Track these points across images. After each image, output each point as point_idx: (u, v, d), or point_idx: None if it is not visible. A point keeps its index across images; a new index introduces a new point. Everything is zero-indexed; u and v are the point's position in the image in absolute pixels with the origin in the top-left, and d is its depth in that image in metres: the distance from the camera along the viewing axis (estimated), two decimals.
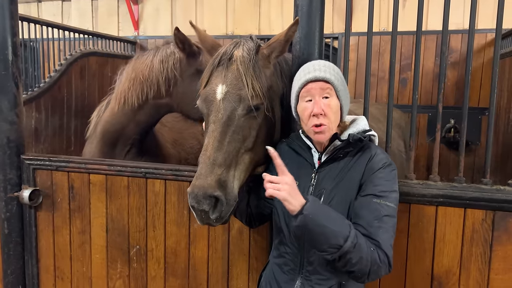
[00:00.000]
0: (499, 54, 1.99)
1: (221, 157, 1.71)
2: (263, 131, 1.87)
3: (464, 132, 2.01)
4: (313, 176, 1.66)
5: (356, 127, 1.66)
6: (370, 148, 1.63)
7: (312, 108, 1.57)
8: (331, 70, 1.61)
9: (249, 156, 1.83)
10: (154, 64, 2.96)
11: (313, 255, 1.60)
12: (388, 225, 1.50)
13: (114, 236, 2.49)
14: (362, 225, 1.50)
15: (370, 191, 1.53)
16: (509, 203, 1.84)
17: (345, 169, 1.61)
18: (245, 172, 1.83)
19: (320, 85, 1.58)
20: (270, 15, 5.81)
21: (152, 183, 2.38)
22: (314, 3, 2.00)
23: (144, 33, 6.23)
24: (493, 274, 1.90)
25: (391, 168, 1.59)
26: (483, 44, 5.06)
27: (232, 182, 1.73)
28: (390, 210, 1.51)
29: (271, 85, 1.92)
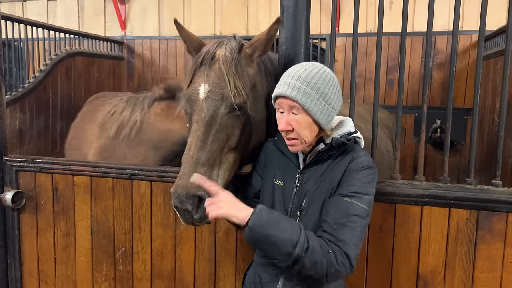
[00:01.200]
0: (482, 55, 2.00)
1: (204, 156, 1.72)
2: (247, 130, 1.87)
3: (449, 133, 2.03)
4: (297, 178, 1.66)
5: (341, 129, 1.65)
6: (353, 151, 1.61)
7: (281, 122, 1.57)
8: (303, 85, 1.50)
9: (233, 156, 1.83)
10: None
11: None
12: (356, 224, 1.46)
13: (99, 238, 2.46)
14: (328, 222, 1.48)
15: (343, 191, 1.52)
16: (492, 203, 1.86)
17: (327, 171, 1.60)
18: (230, 171, 1.83)
19: (288, 102, 1.53)
20: (258, 15, 5.81)
21: (138, 184, 2.36)
22: (300, 3, 1.99)
23: (131, 33, 6.17)
24: (478, 273, 1.92)
25: (370, 172, 1.56)
26: (468, 46, 5.12)
27: (216, 182, 1.73)
28: (361, 210, 1.48)
29: (254, 84, 1.92)
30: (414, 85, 5.29)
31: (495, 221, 1.87)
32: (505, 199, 1.84)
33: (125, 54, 6.10)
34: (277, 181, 1.72)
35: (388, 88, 5.35)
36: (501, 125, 1.95)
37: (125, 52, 6.11)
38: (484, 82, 4.63)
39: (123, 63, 6.09)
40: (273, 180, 1.74)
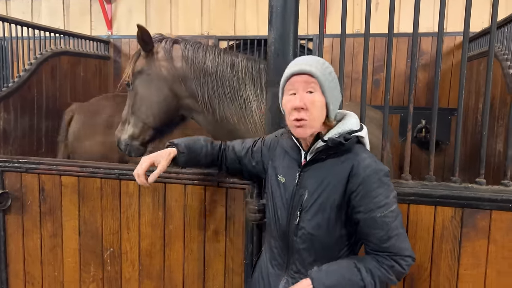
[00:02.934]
0: (466, 56, 2.05)
1: (121, 116, 2.91)
2: (137, 102, 2.68)
3: (434, 132, 2.07)
4: (297, 176, 1.63)
5: (341, 127, 1.58)
6: (355, 151, 1.56)
7: (294, 101, 1.50)
8: (318, 65, 1.52)
9: (133, 119, 2.73)
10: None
11: (296, 256, 1.62)
12: (398, 229, 1.51)
13: (87, 238, 2.44)
14: (374, 242, 1.52)
15: (371, 206, 1.50)
16: (476, 201, 1.91)
17: (329, 171, 1.57)
18: (133, 128, 2.78)
19: (304, 79, 1.50)
20: (245, 16, 5.81)
21: (126, 184, 2.35)
22: (288, 4, 2.01)
23: (118, 33, 6.12)
24: (462, 270, 1.96)
25: (382, 171, 1.54)
26: (452, 47, 5.21)
27: (125, 132, 2.84)
28: (394, 213, 1.51)
29: (142, 70, 2.66)
30: (400, 86, 5.36)
31: (479, 218, 1.91)
32: (489, 197, 1.89)
33: (112, 53, 6.04)
34: (280, 177, 1.70)
35: (374, 88, 5.40)
36: (485, 124, 2.00)
37: (111, 51, 6.05)
38: (468, 82, 4.72)
39: (110, 63, 6.03)
40: (276, 176, 1.72)
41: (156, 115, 2.67)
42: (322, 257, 1.59)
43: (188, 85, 2.59)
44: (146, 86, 2.64)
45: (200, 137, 2.01)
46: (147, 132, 2.72)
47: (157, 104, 2.65)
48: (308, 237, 1.58)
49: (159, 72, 2.62)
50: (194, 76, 2.56)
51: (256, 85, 2.63)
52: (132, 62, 2.70)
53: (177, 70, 2.60)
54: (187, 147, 1.91)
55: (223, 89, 2.54)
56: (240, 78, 2.57)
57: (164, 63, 2.61)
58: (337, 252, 1.60)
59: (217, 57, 2.57)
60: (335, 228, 1.57)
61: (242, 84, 2.57)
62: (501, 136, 3.36)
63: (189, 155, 1.92)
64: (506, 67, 3.50)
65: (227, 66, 2.55)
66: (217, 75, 2.55)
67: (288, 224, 1.63)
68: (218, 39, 5.80)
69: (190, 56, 2.57)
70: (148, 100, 2.65)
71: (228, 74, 2.55)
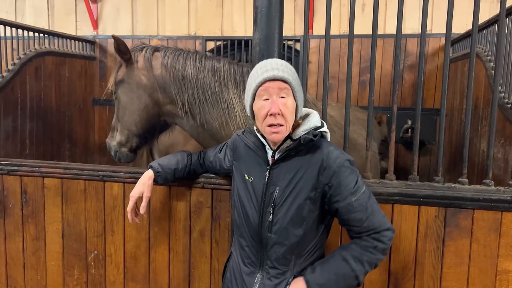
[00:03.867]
0: (449, 58, 2.07)
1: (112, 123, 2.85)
2: (120, 110, 2.70)
3: (417, 133, 2.08)
4: (267, 174, 1.66)
5: (307, 124, 1.65)
6: (322, 146, 1.64)
7: (269, 107, 1.55)
8: (288, 70, 1.60)
9: (120, 126, 2.71)
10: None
11: (271, 252, 1.63)
12: (373, 206, 1.59)
13: (71, 241, 2.41)
14: (355, 225, 1.58)
15: (345, 193, 1.57)
16: (459, 200, 1.93)
17: (299, 166, 1.61)
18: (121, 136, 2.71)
19: (278, 85, 1.56)
20: (232, 16, 5.81)
21: (110, 186, 2.32)
22: (273, 5, 2.01)
23: (104, 33, 6.06)
24: (446, 268, 1.98)
25: (348, 160, 1.61)
26: (437, 48, 5.27)
27: (114, 139, 2.77)
28: (365, 194, 1.60)
29: (123, 79, 2.65)
30: (386, 86, 5.39)
31: (462, 217, 1.94)
32: (471, 196, 1.91)
33: (98, 54, 5.98)
34: (247, 176, 1.72)
35: (361, 89, 5.44)
36: (467, 125, 2.02)
37: (97, 52, 5.98)
38: (452, 83, 4.77)
39: (95, 63, 5.97)
40: (243, 175, 1.74)
41: (138, 122, 2.68)
42: (296, 249, 1.63)
43: (167, 92, 2.59)
44: (127, 95, 2.67)
45: (178, 153, 2.14)
46: (133, 140, 2.73)
47: (138, 111, 2.67)
48: (283, 232, 1.61)
49: (139, 80, 2.65)
50: (173, 83, 2.56)
51: (239, 89, 2.61)
52: (115, 71, 2.75)
53: (156, 78, 2.60)
54: (161, 166, 2.03)
55: (204, 95, 2.53)
56: (222, 83, 2.55)
57: (143, 71, 2.63)
58: (309, 243, 1.65)
59: (198, 63, 2.56)
60: (308, 220, 1.61)
61: (224, 88, 2.55)
62: (485, 136, 3.41)
63: (165, 173, 2.03)
64: (489, 68, 3.54)
65: (208, 72, 2.55)
66: (198, 81, 2.52)
67: (261, 222, 1.65)
68: (205, 40, 5.78)
69: (170, 64, 2.58)
70: (129, 108, 2.67)
71: (210, 80, 2.53)
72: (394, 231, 1.61)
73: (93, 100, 5.98)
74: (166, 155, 2.13)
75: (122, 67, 2.70)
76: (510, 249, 1.90)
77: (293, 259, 1.63)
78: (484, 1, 4.92)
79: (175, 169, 2.04)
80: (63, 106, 5.05)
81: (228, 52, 5.78)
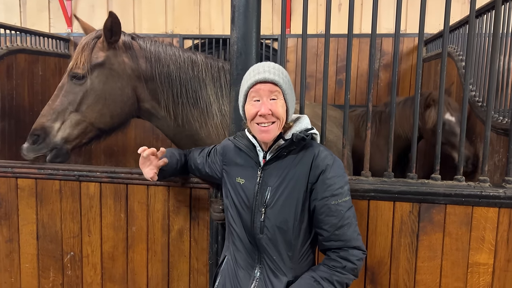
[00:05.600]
0: (421, 58, 2.12)
1: (49, 111, 2.39)
2: (91, 99, 2.38)
3: (392, 130, 2.13)
4: (259, 174, 1.68)
5: (299, 126, 1.69)
6: (313, 146, 1.67)
7: (259, 108, 1.58)
8: (280, 73, 1.63)
9: (75, 117, 2.38)
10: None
11: (265, 252, 1.65)
12: (350, 218, 1.60)
13: (46, 243, 2.37)
14: (326, 229, 1.59)
15: (326, 194, 1.59)
16: (432, 195, 1.98)
17: (290, 166, 1.64)
18: (72, 129, 2.39)
19: (268, 87, 1.59)
20: (210, 14, 5.78)
21: (86, 186, 2.29)
22: (250, 4, 2.01)
23: (79, 30, 5.94)
24: (420, 262, 2.03)
25: (337, 163, 1.64)
26: (411, 48, 5.38)
27: (55, 131, 2.39)
28: (347, 204, 1.60)
29: (103, 63, 2.38)
30: (363, 85, 5.48)
31: (435, 212, 1.99)
32: (444, 191, 1.97)
33: (72, 52, 5.86)
34: (238, 179, 1.73)
35: (337, 88, 5.51)
36: (439, 123, 2.08)
37: (72, 49, 5.85)
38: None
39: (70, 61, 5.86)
40: (235, 178, 1.75)
41: (115, 115, 2.42)
42: (289, 250, 1.63)
43: (151, 89, 2.44)
44: (107, 82, 2.37)
45: (174, 151, 2.07)
46: (88, 134, 2.41)
47: (118, 103, 2.40)
48: (276, 232, 1.62)
49: (124, 69, 2.39)
50: (158, 80, 2.41)
51: (216, 85, 2.57)
52: (88, 51, 2.36)
53: (141, 71, 2.43)
54: (166, 163, 1.94)
55: (186, 94, 2.44)
56: (201, 79, 2.49)
57: (128, 60, 2.40)
58: (302, 244, 1.66)
59: (179, 59, 2.44)
60: (301, 220, 1.63)
61: (203, 85, 2.50)
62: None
63: (167, 171, 1.98)
64: (461, 67, 3.65)
65: (188, 67, 2.46)
66: (181, 79, 2.43)
67: (253, 223, 1.66)
68: (183, 38, 5.74)
69: (154, 58, 2.42)
70: (108, 98, 2.37)
71: (190, 76, 2.44)
72: (365, 252, 1.62)
73: None
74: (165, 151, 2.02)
75: (100, 49, 2.39)
76: (481, 242, 1.96)
77: (288, 261, 1.63)
78: (455, 2, 5.06)
79: (174, 169, 2.01)
80: (37, 105, 4.93)
81: (206, 50, 5.76)
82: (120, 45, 2.43)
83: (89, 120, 2.39)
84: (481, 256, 1.97)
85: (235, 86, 2.06)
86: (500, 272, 1.96)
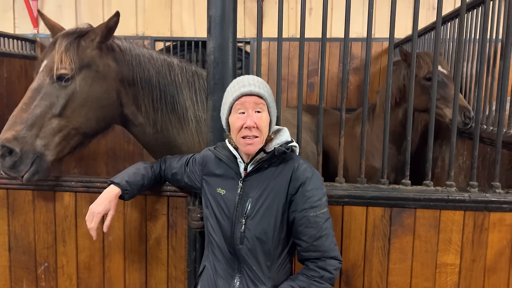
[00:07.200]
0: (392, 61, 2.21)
1: (23, 117, 2.07)
2: (77, 102, 2.18)
3: (364, 136, 2.21)
4: (240, 186, 1.71)
5: (280, 138, 1.75)
6: (292, 159, 1.73)
7: (245, 120, 1.62)
8: (264, 87, 1.69)
9: (58, 122, 2.14)
10: None
11: (245, 262, 1.68)
12: (328, 229, 1.66)
13: (18, 254, 2.31)
14: (305, 240, 1.65)
15: (305, 206, 1.64)
16: (403, 200, 2.07)
17: (270, 178, 1.69)
18: (54, 135, 2.14)
19: (254, 100, 1.64)
20: (182, 16, 5.76)
21: (61, 196, 2.25)
22: (226, 14, 2.04)
23: (45, 31, 5.77)
24: (392, 264, 2.12)
25: (316, 175, 1.71)
26: (379, 52, 5.56)
27: (33, 139, 2.08)
28: (325, 215, 1.67)
29: (90, 63, 2.22)
30: (333, 88, 5.61)
31: (405, 216, 2.08)
32: (413, 196, 2.06)
33: (39, 53, 5.70)
34: (219, 190, 1.76)
35: (309, 91, 5.61)
36: (408, 129, 2.17)
37: (38, 51, 5.70)
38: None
39: (37, 63, 5.68)
40: (216, 189, 1.78)
41: (100, 120, 2.27)
42: (267, 260, 1.68)
43: (132, 93, 2.36)
44: (93, 85, 2.22)
45: (139, 166, 2.06)
46: (71, 141, 2.20)
47: (105, 107, 2.27)
48: (255, 243, 1.66)
49: (108, 71, 2.28)
50: (140, 85, 2.34)
51: (191, 90, 2.55)
52: (73, 50, 2.17)
53: (124, 75, 2.33)
54: (129, 183, 1.95)
55: (165, 100, 2.40)
56: (177, 84, 2.46)
57: (112, 63, 2.30)
58: (280, 254, 1.71)
59: (157, 62, 2.41)
60: (280, 231, 1.68)
61: (179, 90, 2.47)
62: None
63: (133, 190, 1.97)
64: None
65: (166, 71, 2.42)
66: (160, 84, 2.39)
67: (233, 233, 1.69)
68: (154, 40, 5.69)
69: (135, 61, 2.35)
70: (95, 101, 2.23)
71: (168, 80, 2.41)
72: (341, 262, 1.69)
73: None
74: (126, 169, 2.03)
75: (85, 48, 2.24)
76: (448, 244, 2.07)
77: (266, 271, 1.67)
78: (421, 8, 5.25)
79: (141, 185, 2.00)
80: (2, 108, 4.78)
81: (178, 52, 5.73)
82: (112, 48, 2.35)
83: (73, 125, 2.18)
84: (448, 257, 2.08)
85: (212, 95, 2.08)
86: (466, 272, 2.08)
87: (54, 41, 2.23)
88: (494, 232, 2.04)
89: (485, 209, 2.02)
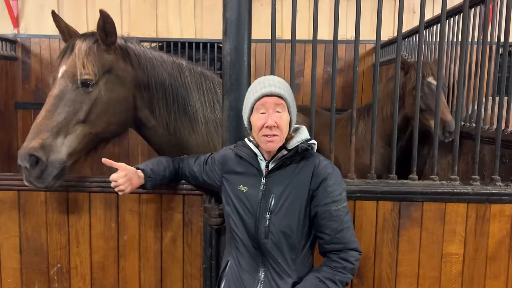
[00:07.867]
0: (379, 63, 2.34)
1: (48, 125, 2.06)
2: (100, 107, 2.19)
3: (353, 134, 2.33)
4: (263, 182, 1.77)
5: (300, 136, 1.80)
6: (313, 156, 1.80)
7: (266, 120, 1.68)
8: (284, 87, 1.74)
9: (82, 128, 2.15)
10: None
11: (269, 256, 1.74)
12: (349, 222, 1.74)
13: (30, 256, 2.29)
14: (328, 233, 1.72)
15: (327, 200, 1.71)
16: (411, 194, 2.20)
17: (292, 174, 1.75)
18: (78, 142, 2.14)
19: (274, 100, 1.70)
20: (168, 17, 5.76)
21: (75, 196, 2.25)
22: (242, 17, 2.10)
23: (26, 32, 5.64)
24: (401, 256, 2.24)
25: (336, 171, 1.79)
26: (362, 54, 5.74)
27: (59, 148, 2.07)
28: (346, 209, 1.75)
29: (111, 68, 2.24)
30: (318, 89, 5.74)
31: (413, 209, 2.21)
32: (421, 190, 2.19)
33: (19, 54, 5.57)
34: (241, 187, 1.81)
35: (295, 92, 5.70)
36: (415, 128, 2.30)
37: (19, 52, 5.57)
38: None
39: (17, 64, 5.56)
40: (237, 186, 1.83)
41: (120, 124, 2.31)
42: (292, 253, 1.75)
43: (146, 97, 2.38)
44: (114, 90, 2.23)
45: (162, 158, 2.12)
46: (90, 146, 2.22)
47: (124, 112, 2.28)
48: (281, 237, 1.72)
49: (126, 76, 2.28)
50: (154, 89, 2.35)
51: (200, 91, 2.59)
52: (93, 56, 2.16)
53: (140, 79, 2.34)
54: (153, 171, 2.00)
55: (178, 102, 2.43)
56: (187, 86, 2.50)
57: (128, 67, 2.29)
58: (303, 247, 1.78)
59: (169, 65, 2.42)
60: (303, 225, 1.75)
61: (189, 92, 2.51)
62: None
63: (155, 179, 2.02)
64: None
65: (177, 74, 2.44)
66: (172, 87, 2.41)
67: (257, 228, 1.75)
68: (140, 41, 5.63)
69: (150, 65, 2.36)
70: (115, 106, 2.24)
71: (179, 82, 2.43)
72: (361, 253, 1.77)
73: (16, 104, 5.56)
74: (150, 160, 2.07)
75: (103, 52, 2.22)
76: (452, 235, 2.21)
77: (291, 263, 1.74)
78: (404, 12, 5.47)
79: (163, 176, 2.05)
80: None
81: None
82: (123, 50, 2.33)
83: (96, 130, 2.19)
84: (453, 247, 2.22)
85: (228, 95, 2.14)
86: (469, 261, 2.22)
87: (71, 45, 2.21)
88: (495, 223, 2.19)
89: (486, 201, 2.17)
